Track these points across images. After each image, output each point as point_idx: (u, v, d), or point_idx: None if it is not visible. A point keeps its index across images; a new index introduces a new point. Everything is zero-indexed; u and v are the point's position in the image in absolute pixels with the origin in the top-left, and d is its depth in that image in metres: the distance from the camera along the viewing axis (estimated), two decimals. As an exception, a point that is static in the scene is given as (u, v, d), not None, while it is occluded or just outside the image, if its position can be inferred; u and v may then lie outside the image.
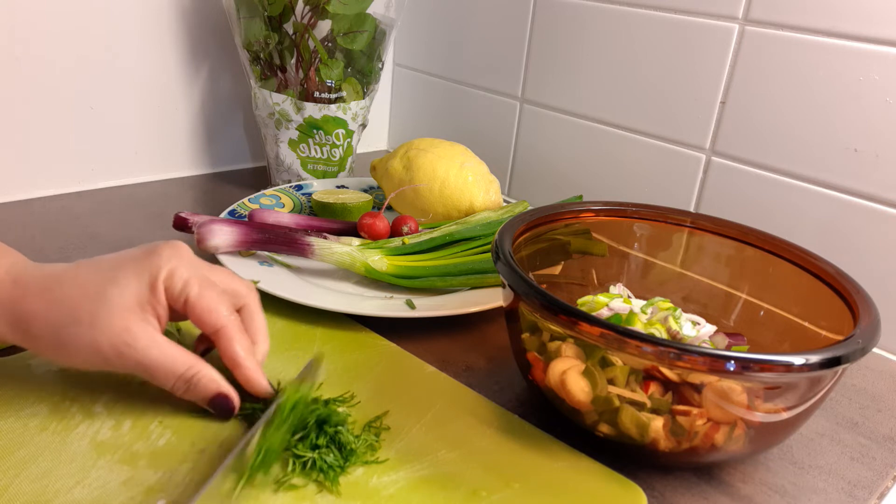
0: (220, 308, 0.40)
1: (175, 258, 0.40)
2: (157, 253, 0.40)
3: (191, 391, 0.40)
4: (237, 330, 0.41)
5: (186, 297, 0.40)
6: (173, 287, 0.39)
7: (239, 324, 0.42)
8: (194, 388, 0.40)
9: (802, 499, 0.42)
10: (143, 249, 0.41)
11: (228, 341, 0.41)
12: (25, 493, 0.35)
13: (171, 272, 0.39)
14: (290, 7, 0.71)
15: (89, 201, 0.74)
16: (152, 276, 0.39)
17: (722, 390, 0.37)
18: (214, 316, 0.40)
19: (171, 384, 0.40)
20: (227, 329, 0.40)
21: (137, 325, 0.38)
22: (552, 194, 0.83)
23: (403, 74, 0.99)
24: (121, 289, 0.38)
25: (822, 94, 0.60)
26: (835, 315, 0.44)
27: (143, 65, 0.76)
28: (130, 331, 0.38)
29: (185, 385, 0.40)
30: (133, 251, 0.41)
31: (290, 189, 0.76)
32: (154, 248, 0.40)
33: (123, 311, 0.38)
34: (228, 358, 0.41)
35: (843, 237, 0.61)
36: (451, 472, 0.40)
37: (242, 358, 0.41)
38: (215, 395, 0.40)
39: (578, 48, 0.77)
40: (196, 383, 0.40)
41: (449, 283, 0.59)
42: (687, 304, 0.54)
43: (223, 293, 0.42)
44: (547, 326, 0.41)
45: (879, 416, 0.52)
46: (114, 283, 0.38)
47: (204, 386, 0.40)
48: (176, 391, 0.40)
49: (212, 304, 0.40)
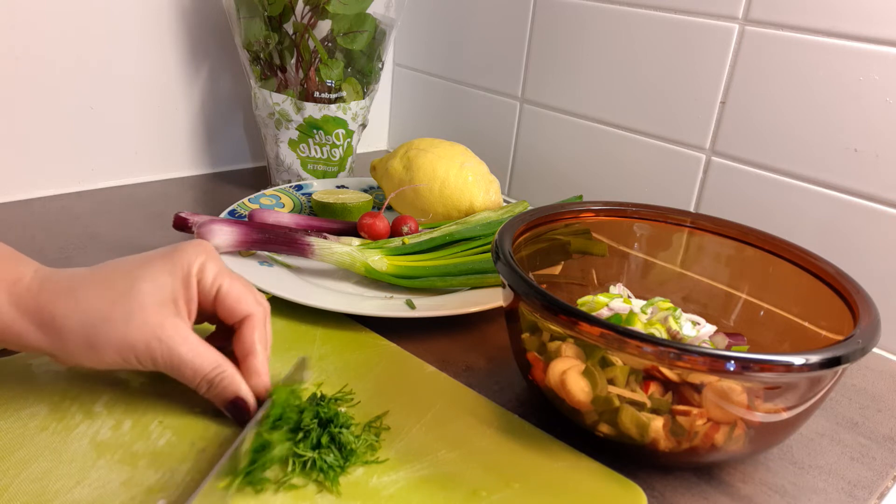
0: (251, 297, 0.42)
1: (203, 254, 0.41)
2: (185, 249, 0.41)
3: (212, 391, 0.40)
4: (263, 320, 0.42)
5: (219, 287, 0.41)
6: (205, 280, 0.41)
7: (266, 314, 0.43)
8: (216, 388, 0.40)
9: (802, 499, 0.42)
10: (170, 248, 0.41)
11: (252, 329, 0.42)
12: (25, 493, 0.35)
13: (202, 266, 0.41)
14: (290, 7, 0.71)
15: (89, 201, 0.74)
16: (185, 272, 0.40)
17: (722, 390, 0.37)
18: (244, 304, 0.42)
19: (197, 382, 0.40)
20: (254, 317, 0.42)
21: (170, 321, 0.39)
22: (552, 194, 0.83)
23: (403, 74, 0.99)
24: (153, 285, 0.39)
25: (822, 94, 0.60)
26: (835, 315, 0.44)
27: (143, 65, 0.76)
28: (164, 327, 0.38)
29: (209, 385, 0.40)
30: (158, 251, 0.41)
31: (290, 189, 0.76)
32: (181, 246, 0.41)
33: (158, 307, 0.39)
34: (246, 345, 0.41)
35: (843, 237, 0.61)
36: (451, 472, 0.40)
37: (259, 349, 0.42)
38: (235, 398, 0.40)
39: (578, 48, 0.77)
40: (219, 383, 0.40)
41: (449, 283, 0.59)
42: (687, 304, 0.54)
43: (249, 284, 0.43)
44: (547, 326, 0.41)
45: (879, 416, 0.52)
46: (146, 280, 0.39)
47: (225, 387, 0.40)
48: (199, 389, 0.40)
49: (242, 294, 0.42)
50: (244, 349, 0.42)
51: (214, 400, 0.41)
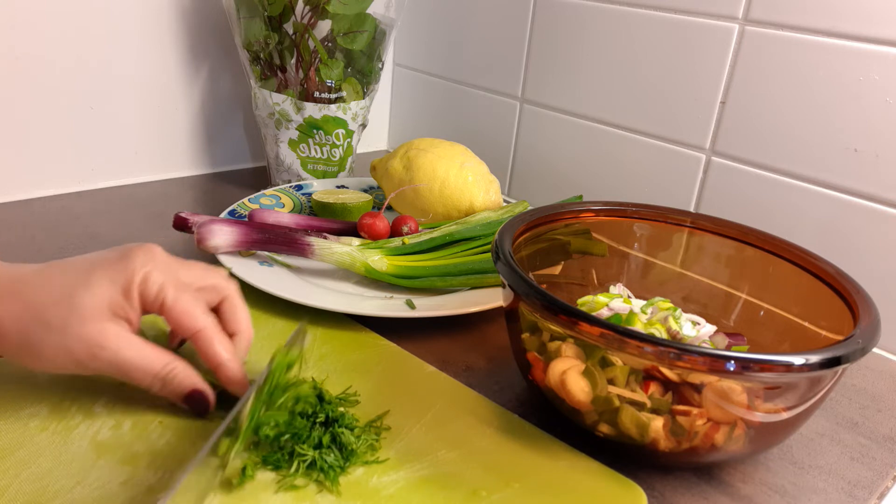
0: (196, 311, 0.40)
1: (149, 262, 0.40)
2: (131, 257, 0.39)
3: (167, 388, 0.40)
4: (215, 331, 0.41)
5: (162, 301, 0.39)
6: (148, 292, 0.39)
7: (216, 324, 0.41)
8: (170, 384, 0.40)
9: (802, 499, 0.42)
10: (117, 253, 0.40)
11: (208, 342, 0.40)
12: (25, 493, 0.35)
13: (146, 277, 0.39)
14: (290, 7, 0.71)
15: (89, 201, 0.74)
16: (126, 282, 0.39)
17: (722, 390, 0.37)
18: (191, 319, 0.40)
19: (148, 382, 0.39)
20: (205, 331, 0.40)
21: (109, 326, 0.38)
22: (552, 194, 0.83)
23: (403, 74, 0.99)
24: (92, 293, 0.38)
25: (822, 94, 0.60)
26: (835, 315, 0.44)
27: (143, 65, 0.76)
28: (103, 333, 0.38)
29: (161, 382, 0.40)
30: (105, 254, 0.40)
31: (290, 189, 0.76)
32: (127, 252, 0.40)
33: (95, 316, 0.37)
34: (209, 359, 0.41)
35: (843, 237, 0.61)
36: (451, 472, 0.40)
37: (224, 358, 0.41)
38: (191, 392, 0.40)
39: (578, 48, 0.77)
40: (172, 380, 0.40)
41: (449, 283, 0.59)
42: (687, 304, 0.54)
43: (199, 293, 0.42)
44: (547, 326, 0.41)
45: (879, 416, 0.52)
46: (85, 288, 0.38)
47: (179, 382, 0.40)
48: (152, 389, 0.40)
49: (188, 308, 0.40)
50: (209, 363, 0.41)
51: (171, 397, 0.40)
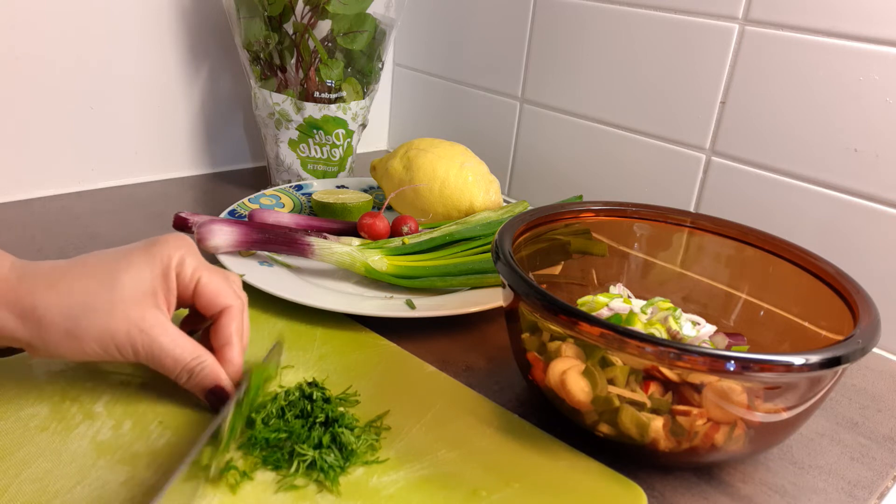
0: (228, 290, 0.43)
1: (183, 247, 0.42)
2: (165, 242, 0.41)
3: (192, 380, 0.41)
4: (240, 312, 0.43)
5: (198, 280, 0.42)
6: (184, 273, 0.41)
7: (244, 306, 0.44)
8: (196, 377, 0.41)
9: (802, 499, 0.42)
10: (149, 241, 0.42)
11: (230, 321, 0.43)
12: (25, 493, 0.35)
13: (182, 259, 0.41)
14: (290, 7, 0.71)
15: (89, 201, 0.74)
16: (164, 264, 0.41)
17: (722, 390, 0.37)
18: (223, 297, 0.42)
19: (177, 372, 0.40)
20: (232, 309, 0.43)
21: (151, 312, 0.39)
22: (552, 194, 0.83)
23: (403, 74, 0.99)
24: (134, 276, 0.39)
25: (822, 94, 0.60)
26: (835, 315, 0.44)
27: (143, 65, 0.76)
28: (145, 318, 0.39)
29: (189, 374, 0.41)
30: (138, 243, 0.42)
31: (290, 189, 0.76)
32: (160, 239, 0.42)
33: (138, 299, 0.39)
34: (224, 335, 0.42)
35: (843, 237, 0.61)
36: (451, 472, 0.40)
37: (235, 340, 0.43)
38: (214, 387, 0.41)
39: (578, 48, 0.77)
40: (199, 373, 0.41)
41: (449, 283, 0.59)
42: (687, 304, 0.54)
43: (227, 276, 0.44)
44: (547, 326, 0.41)
45: (879, 416, 0.52)
46: (126, 272, 0.39)
47: (205, 376, 0.41)
48: (179, 379, 0.41)
49: (221, 287, 0.43)
50: (222, 339, 0.42)
51: (194, 389, 0.41)
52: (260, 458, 0.39)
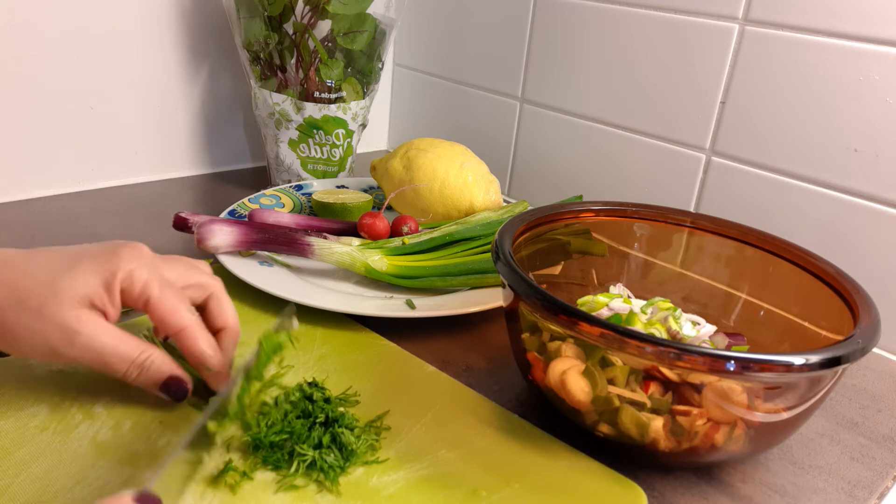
0: (181, 309, 0.40)
1: (135, 260, 0.40)
2: (117, 253, 0.40)
3: (143, 375, 0.40)
4: (199, 328, 0.41)
5: (147, 298, 0.40)
6: (132, 289, 0.39)
7: (200, 322, 0.42)
8: (146, 372, 0.40)
9: (802, 499, 0.42)
10: (104, 247, 0.40)
11: (193, 340, 0.41)
12: (26, 493, 0.35)
13: (130, 274, 0.39)
14: (290, 7, 0.71)
15: (89, 201, 0.74)
16: (110, 275, 0.39)
17: (722, 390, 0.37)
18: (176, 317, 0.40)
19: (124, 370, 0.39)
20: (189, 329, 0.41)
21: (86, 314, 0.38)
22: (552, 194, 0.83)
23: (403, 74, 0.99)
24: (73, 281, 0.38)
25: (822, 94, 0.60)
26: (835, 315, 0.44)
27: (143, 65, 0.76)
28: (80, 320, 0.38)
29: (138, 370, 0.39)
30: (93, 247, 0.40)
31: (290, 189, 0.76)
32: (114, 248, 0.40)
33: (73, 303, 0.38)
34: (193, 356, 0.41)
35: (843, 237, 0.61)
36: (451, 472, 0.40)
37: (208, 356, 0.41)
38: (168, 378, 0.40)
39: (578, 48, 0.77)
40: (148, 367, 0.40)
41: (449, 283, 0.59)
42: (687, 304, 0.54)
43: (184, 290, 0.42)
44: (547, 326, 0.41)
45: (879, 416, 0.52)
46: (68, 275, 0.38)
47: (156, 369, 0.40)
48: (128, 377, 0.40)
49: (172, 306, 0.40)
50: (193, 361, 0.41)
51: (146, 384, 0.40)
52: (260, 458, 0.39)
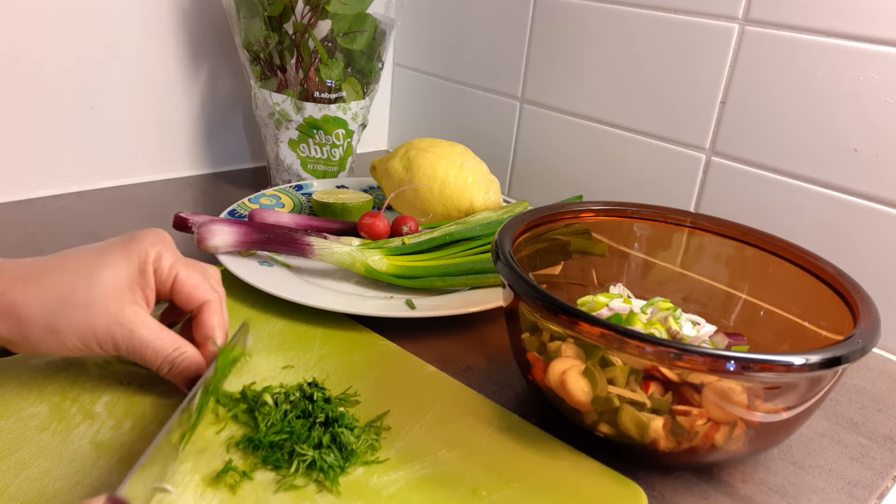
0: (206, 285, 0.43)
1: (159, 243, 0.42)
2: (142, 238, 0.42)
3: (174, 371, 0.41)
4: (219, 305, 0.44)
5: (176, 275, 0.42)
6: (161, 269, 0.42)
7: (223, 299, 0.44)
8: (177, 367, 0.41)
9: (802, 499, 0.42)
10: (127, 236, 0.42)
11: (211, 314, 0.43)
12: (25, 493, 0.35)
13: (159, 255, 0.42)
14: (290, 7, 0.71)
15: (89, 201, 0.74)
16: (141, 260, 0.41)
17: (722, 390, 0.37)
18: (201, 292, 0.43)
19: (158, 363, 0.41)
20: (212, 303, 0.43)
21: (130, 306, 0.40)
22: (552, 194, 0.83)
23: (403, 74, 0.99)
24: (112, 272, 0.40)
25: (822, 94, 0.60)
26: (835, 315, 0.44)
27: (142, 65, 0.76)
28: (124, 312, 0.39)
29: (170, 365, 0.41)
30: (116, 239, 0.42)
31: (290, 189, 0.76)
32: (138, 235, 0.42)
33: (117, 293, 0.39)
34: (206, 329, 0.43)
35: (843, 237, 0.61)
36: (452, 472, 0.40)
37: (218, 333, 0.43)
38: (197, 377, 0.41)
39: (578, 48, 0.77)
40: (181, 363, 0.41)
41: (449, 283, 0.59)
42: (687, 304, 0.54)
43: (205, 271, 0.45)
44: (547, 326, 0.41)
45: (879, 416, 0.52)
46: (105, 268, 0.40)
47: (187, 367, 0.41)
48: (160, 371, 0.41)
49: (199, 282, 0.43)
50: (203, 333, 0.43)
51: (175, 379, 0.42)
52: (260, 458, 0.39)
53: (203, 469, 0.38)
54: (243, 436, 0.40)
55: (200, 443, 0.40)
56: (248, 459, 0.39)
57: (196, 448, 0.39)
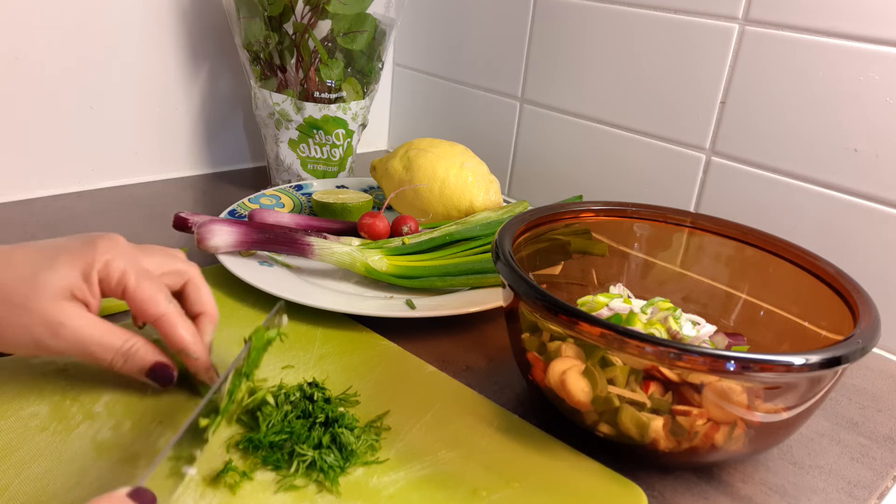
0: (159, 297, 0.41)
1: (112, 250, 0.41)
2: (93, 244, 0.40)
3: (128, 364, 0.40)
4: (178, 316, 0.42)
5: (124, 287, 0.40)
6: (109, 279, 0.40)
7: (178, 309, 0.42)
8: (132, 360, 0.40)
9: (802, 499, 0.42)
10: (80, 240, 0.41)
11: (172, 328, 0.41)
12: (25, 493, 0.35)
13: (107, 264, 0.40)
14: (290, 7, 0.71)
15: (89, 201, 0.74)
16: (87, 266, 0.40)
17: (722, 390, 0.37)
18: (153, 305, 0.41)
19: (110, 358, 0.40)
20: (168, 316, 0.41)
21: (69, 306, 0.39)
22: (552, 194, 0.83)
23: (403, 74, 0.99)
24: (54, 274, 0.39)
25: (822, 94, 0.60)
26: (835, 315, 0.44)
27: (143, 65, 0.76)
28: (64, 311, 0.38)
29: (123, 358, 0.40)
30: (70, 240, 0.41)
31: (290, 189, 0.76)
32: (90, 240, 0.41)
33: (55, 295, 0.38)
34: (173, 343, 0.42)
35: (843, 237, 0.61)
36: (451, 472, 0.40)
37: (189, 343, 0.42)
38: (154, 365, 0.41)
39: (578, 48, 0.77)
40: (133, 355, 0.40)
41: (449, 283, 0.59)
42: (687, 304, 0.54)
43: (161, 278, 0.43)
44: (547, 326, 0.41)
45: (879, 416, 0.52)
46: (48, 269, 0.39)
47: (141, 357, 0.41)
48: (114, 366, 0.40)
49: (150, 294, 0.41)
50: (174, 347, 0.42)
51: (134, 372, 0.41)
52: (260, 459, 0.39)
53: (203, 469, 0.38)
54: (243, 436, 0.40)
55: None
56: (248, 459, 0.39)
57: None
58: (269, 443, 0.39)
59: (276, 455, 0.38)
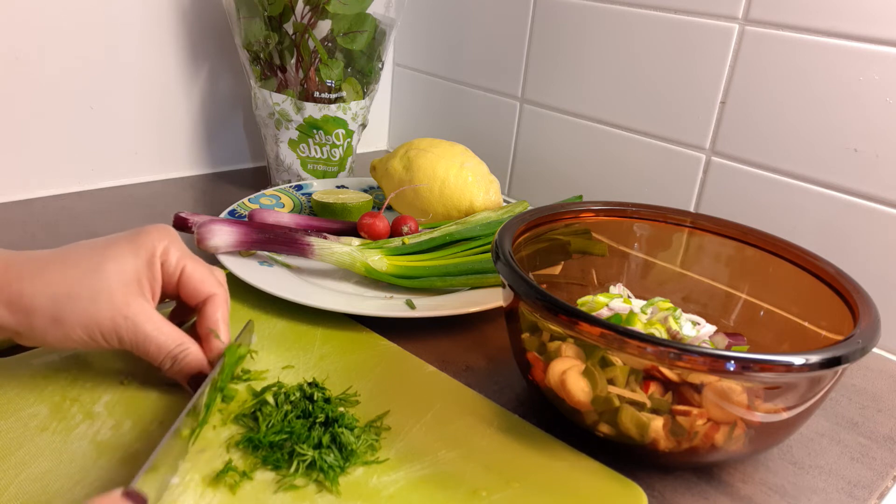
0: (212, 279, 0.44)
1: (166, 238, 0.43)
2: (149, 232, 0.43)
3: (175, 367, 0.41)
4: (225, 299, 0.45)
5: (182, 269, 0.43)
6: (169, 262, 0.43)
7: (227, 294, 0.45)
8: (179, 364, 0.41)
9: (802, 499, 0.42)
10: (134, 231, 0.43)
11: (215, 308, 0.44)
12: (25, 493, 0.35)
13: (166, 249, 0.42)
14: (290, 7, 0.71)
15: (89, 201, 0.74)
16: (149, 253, 0.42)
17: (722, 390, 0.37)
18: (207, 285, 0.44)
19: (161, 359, 0.41)
20: (217, 297, 0.44)
21: (135, 299, 0.40)
22: (552, 194, 0.83)
23: (403, 74, 0.99)
24: (119, 265, 0.40)
25: (822, 94, 0.60)
26: (835, 315, 0.44)
27: (143, 65, 0.76)
28: (129, 305, 0.40)
29: (172, 360, 0.41)
30: (122, 234, 0.43)
31: (290, 189, 0.76)
32: (144, 229, 0.43)
33: (123, 286, 0.40)
34: (210, 323, 0.43)
35: (843, 237, 0.61)
36: (451, 472, 0.40)
37: (222, 327, 0.44)
38: (199, 374, 0.42)
39: (578, 48, 0.77)
40: (182, 359, 0.41)
41: (449, 283, 0.59)
42: (687, 304, 0.54)
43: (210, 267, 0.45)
44: (547, 326, 0.41)
45: (879, 416, 0.52)
46: (111, 260, 0.40)
47: (188, 363, 0.42)
48: (163, 366, 0.41)
49: (205, 276, 0.44)
50: (207, 326, 0.43)
51: (177, 375, 0.42)
52: (260, 458, 0.39)
53: (203, 469, 0.38)
54: (243, 436, 0.40)
55: (200, 443, 0.40)
56: (248, 459, 0.39)
57: (196, 448, 0.39)
58: (269, 443, 0.39)
59: (276, 455, 0.38)
